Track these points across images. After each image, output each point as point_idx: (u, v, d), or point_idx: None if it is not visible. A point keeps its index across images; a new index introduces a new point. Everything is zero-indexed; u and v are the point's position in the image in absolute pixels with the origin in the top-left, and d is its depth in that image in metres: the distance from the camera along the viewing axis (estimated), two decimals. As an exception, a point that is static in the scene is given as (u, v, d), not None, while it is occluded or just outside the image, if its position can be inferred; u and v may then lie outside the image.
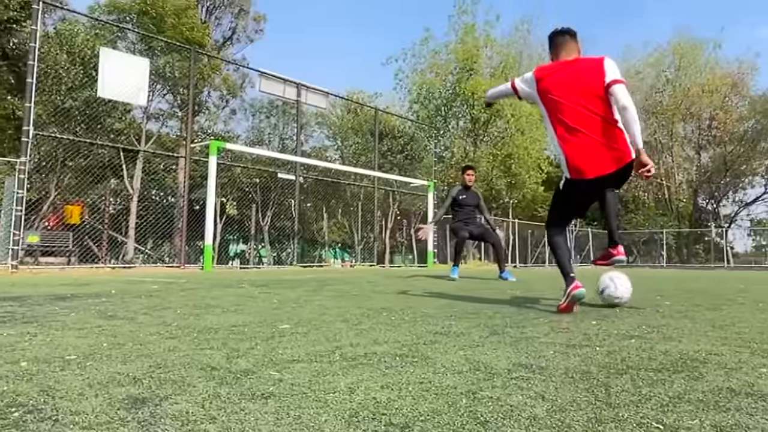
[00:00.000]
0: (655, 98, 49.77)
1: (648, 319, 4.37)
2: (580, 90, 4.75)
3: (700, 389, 2.10)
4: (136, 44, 22.86)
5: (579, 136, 4.69)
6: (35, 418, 1.68)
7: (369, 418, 1.71)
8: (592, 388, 2.10)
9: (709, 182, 50.18)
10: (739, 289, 8.62)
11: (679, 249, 47.09)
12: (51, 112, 19.27)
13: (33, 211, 18.95)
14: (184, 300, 5.46)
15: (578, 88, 4.75)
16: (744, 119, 48.16)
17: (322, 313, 4.46)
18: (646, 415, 1.77)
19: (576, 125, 4.70)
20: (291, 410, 1.77)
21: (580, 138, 4.69)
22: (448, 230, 26.43)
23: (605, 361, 2.63)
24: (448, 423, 1.67)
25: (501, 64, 39.69)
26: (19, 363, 2.45)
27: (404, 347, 2.96)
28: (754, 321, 4.28)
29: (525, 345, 3.07)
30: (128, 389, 2.01)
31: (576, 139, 4.71)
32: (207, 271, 14.33)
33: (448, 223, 12.34)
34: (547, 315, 4.55)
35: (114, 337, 3.14)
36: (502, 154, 35.60)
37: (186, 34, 24.89)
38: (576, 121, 4.70)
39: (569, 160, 4.76)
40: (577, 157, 4.72)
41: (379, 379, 2.21)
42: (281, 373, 2.29)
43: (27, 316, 4.09)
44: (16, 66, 18.06)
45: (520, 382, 2.18)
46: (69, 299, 5.36)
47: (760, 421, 1.70)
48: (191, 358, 2.59)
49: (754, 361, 2.70)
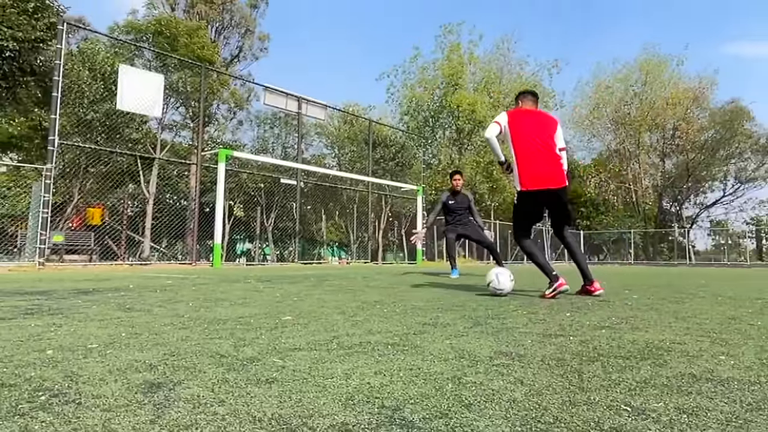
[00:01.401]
0: (624, 110, 49.94)
1: (617, 311, 4.38)
2: (538, 131, 5.79)
3: (664, 375, 2.11)
4: (151, 61, 22.83)
5: (533, 161, 5.66)
6: (60, 401, 1.68)
7: (363, 401, 1.71)
8: (566, 374, 2.10)
9: (672, 187, 50.33)
10: (700, 284, 8.63)
11: (646, 247, 47.21)
12: (74, 123, 19.23)
13: (58, 213, 18.90)
14: (195, 294, 5.45)
15: (537, 129, 5.80)
16: (704, 129, 48.36)
17: (320, 306, 4.45)
18: (615, 398, 1.77)
19: (532, 153, 5.68)
20: (293, 394, 1.77)
21: (533, 162, 5.66)
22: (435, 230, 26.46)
23: (578, 350, 2.64)
24: (435, 406, 1.67)
25: (483, 79, 39.86)
26: (46, 351, 2.44)
27: (396, 337, 2.96)
28: (713, 313, 4.28)
29: (505, 335, 3.07)
30: (145, 375, 2.01)
31: (531, 162, 5.67)
32: (216, 268, 14.29)
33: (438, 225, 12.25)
34: (525, 307, 4.55)
35: (132, 328, 3.14)
36: (485, 161, 35.68)
37: (197, 53, 24.86)
38: (532, 150, 5.69)
39: (522, 176, 5.69)
40: (530, 174, 5.65)
41: (372, 365, 2.21)
42: (284, 361, 2.29)
43: (53, 308, 4.08)
44: (42, 81, 18.02)
45: (500, 369, 2.18)
46: (91, 293, 5.35)
47: (719, 404, 1.71)
48: (202, 347, 2.58)
49: (713, 349, 2.70)
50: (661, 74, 48.83)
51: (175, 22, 25.47)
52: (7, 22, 16.05)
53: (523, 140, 5.72)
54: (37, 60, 17.34)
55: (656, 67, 48.87)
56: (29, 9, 16.68)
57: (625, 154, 50.79)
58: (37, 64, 17.45)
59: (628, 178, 50.70)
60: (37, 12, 16.85)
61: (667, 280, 10.25)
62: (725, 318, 3.97)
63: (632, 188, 50.54)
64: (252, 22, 33.89)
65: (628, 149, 50.50)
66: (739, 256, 44.26)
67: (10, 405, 1.65)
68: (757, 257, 44.13)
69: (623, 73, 50.30)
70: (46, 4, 17.28)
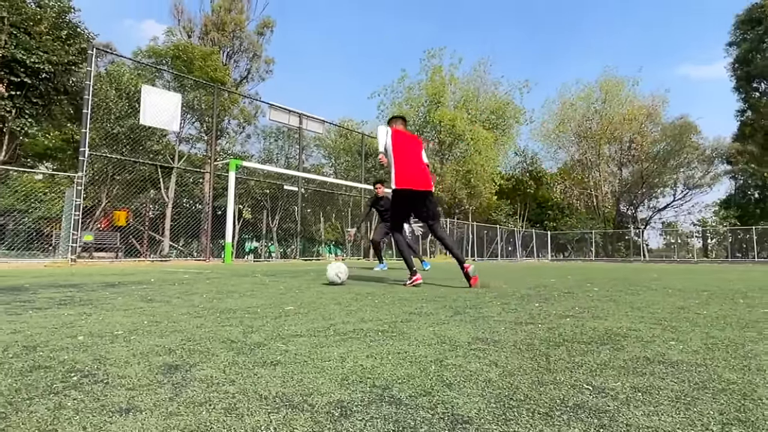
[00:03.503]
0: (586, 125, 50.01)
1: (580, 301, 4.39)
2: (410, 146, 6.29)
3: (621, 358, 2.11)
4: (170, 82, 22.79)
5: (407, 167, 6.11)
6: (90, 381, 1.68)
7: (357, 381, 1.71)
8: (535, 357, 2.11)
9: (628, 192, 50.44)
10: (653, 278, 8.66)
11: (605, 246, 47.30)
12: (102, 136, 19.24)
13: (88, 215, 18.90)
14: (208, 287, 5.43)
15: (409, 145, 6.29)
16: (657, 142, 48.49)
17: (319, 297, 4.45)
18: (578, 378, 1.78)
19: (408, 161, 6.16)
20: (294, 375, 1.77)
21: (407, 168, 6.11)
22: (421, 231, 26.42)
23: (546, 336, 2.64)
24: (420, 385, 1.67)
25: (462, 98, 39.86)
26: (77, 337, 2.44)
27: (385, 324, 2.95)
28: (664, 303, 4.30)
29: (482, 323, 3.07)
30: (164, 358, 2.01)
31: (405, 168, 6.10)
32: (227, 264, 14.24)
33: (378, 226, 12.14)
34: (499, 299, 4.55)
35: (153, 317, 3.13)
36: (464, 170, 35.67)
37: (210, 74, 24.81)
38: (407, 159, 6.16)
39: (397, 177, 6.06)
40: (404, 176, 6.06)
41: (365, 350, 2.21)
42: (287, 345, 2.29)
43: (83, 299, 4.06)
44: (74, 100, 17.99)
45: (477, 353, 2.18)
46: (117, 286, 5.33)
47: (670, 384, 1.72)
48: (214, 333, 2.58)
49: (665, 335, 2.71)
50: (618, 93, 48.92)
51: (191, 47, 25.42)
52: (44, 48, 16.02)
53: (400, 151, 6.16)
54: (69, 81, 17.31)
55: (614, 87, 48.97)
56: (63, 36, 16.66)
57: (587, 163, 50.87)
58: (70, 85, 17.41)
59: (590, 185, 50.80)
60: (69, 39, 16.83)
61: (624, 274, 10.28)
62: (675, 308, 3.99)
63: (593, 194, 50.62)
64: (259, 48, 33.83)
65: (590, 159, 50.58)
66: (687, 254, 44.38)
67: (46, 384, 1.66)
68: (703, 254, 44.30)
69: (585, 92, 50.38)
70: (77, 32, 17.25)
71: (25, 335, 2.50)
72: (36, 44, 15.77)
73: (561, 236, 47.05)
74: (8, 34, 15.38)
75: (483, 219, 39.27)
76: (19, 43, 15.46)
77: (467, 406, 1.48)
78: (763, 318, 3.45)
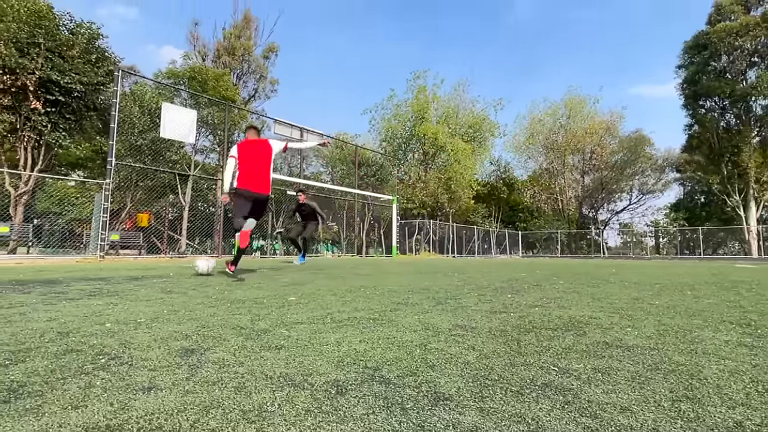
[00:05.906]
0: (552, 138, 50.12)
1: (547, 293, 4.40)
2: (256, 155, 6.54)
3: (584, 342, 2.13)
4: (187, 100, 22.67)
5: (248, 172, 6.40)
6: (116, 363, 1.68)
7: (351, 363, 1.72)
8: (508, 342, 2.12)
9: (590, 197, 50.56)
10: (612, 273, 8.70)
11: (570, 244, 47.41)
12: (127, 148, 19.18)
13: (114, 217, 18.81)
14: (220, 280, 5.42)
15: (256, 154, 6.55)
16: (615, 153, 48.62)
17: (318, 290, 4.45)
18: (546, 361, 1.79)
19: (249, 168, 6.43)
20: (296, 357, 1.78)
21: (248, 173, 6.39)
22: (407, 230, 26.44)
23: (517, 323, 2.65)
24: (407, 366, 1.68)
25: (444, 114, 39.99)
26: (105, 324, 2.43)
27: (376, 313, 2.96)
28: (622, 295, 4.32)
29: (461, 312, 3.08)
30: (181, 343, 2.00)
31: (246, 173, 6.39)
32: (238, 260, 14.16)
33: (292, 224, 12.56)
34: (476, 290, 4.56)
35: (171, 306, 3.12)
36: (445, 177, 35.67)
37: (222, 93, 24.72)
38: (249, 167, 6.44)
39: (239, 179, 6.37)
40: (244, 179, 6.37)
41: (358, 335, 2.22)
42: (289, 332, 2.29)
43: (110, 291, 4.05)
44: (102, 115, 17.91)
45: (457, 338, 2.19)
46: (140, 279, 5.30)
47: (626, 365, 1.73)
48: (226, 321, 2.58)
49: (622, 323, 2.73)
50: (581, 110, 49.08)
51: (205, 69, 25.32)
52: (75, 69, 15.95)
53: (245, 160, 6.46)
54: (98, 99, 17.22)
55: (578, 105, 49.13)
56: (92, 59, 16.59)
57: (554, 172, 50.96)
58: (99, 102, 17.32)
59: (556, 191, 50.93)
60: (98, 62, 16.76)
61: (586, 269, 10.32)
62: (631, 299, 4.01)
63: (559, 198, 50.75)
64: (265, 70, 33.72)
65: (556, 168, 50.69)
66: (642, 251, 44.54)
67: (78, 366, 1.66)
68: (656, 252, 44.46)
69: (552, 108, 50.47)
70: (105, 56, 17.17)
71: (59, 323, 2.49)
72: (69, 67, 15.70)
73: (531, 235, 47.09)
74: (44, 58, 15.32)
75: (462, 220, 39.21)
76: (54, 65, 15.40)
77: (448, 385, 1.49)
78: (708, 308, 3.48)
